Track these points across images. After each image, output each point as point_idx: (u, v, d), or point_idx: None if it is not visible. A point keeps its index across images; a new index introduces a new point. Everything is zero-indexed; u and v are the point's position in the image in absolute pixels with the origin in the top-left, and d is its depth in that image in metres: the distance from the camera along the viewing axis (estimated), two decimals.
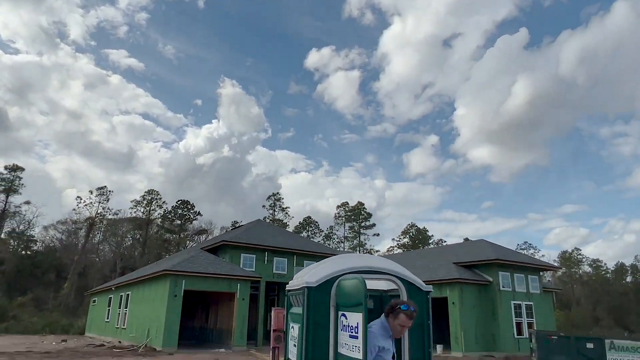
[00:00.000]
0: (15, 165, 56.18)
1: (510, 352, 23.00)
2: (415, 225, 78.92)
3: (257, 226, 31.93)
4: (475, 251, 27.66)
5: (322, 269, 4.25)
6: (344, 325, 3.69)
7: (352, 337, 3.47)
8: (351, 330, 3.49)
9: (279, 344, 8.43)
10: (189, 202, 70.52)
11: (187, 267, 22.27)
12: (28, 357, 16.98)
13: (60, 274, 55.07)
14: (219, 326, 26.00)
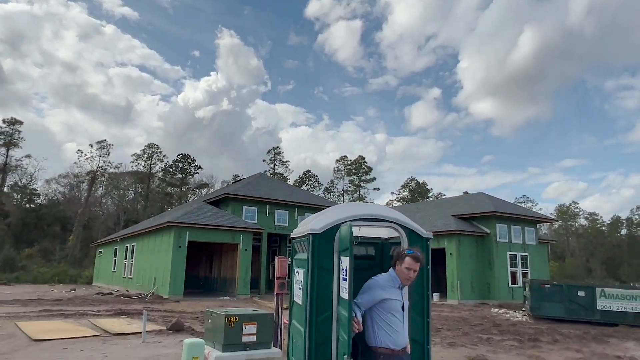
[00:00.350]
0: (13, 119, 55.93)
1: (504, 300, 23.86)
2: (415, 179, 79.47)
3: (259, 179, 32.22)
4: (474, 204, 28.06)
5: (326, 217, 4.41)
6: (341, 269, 3.91)
7: (344, 280, 3.69)
8: (344, 273, 3.70)
9: (283, 290, 8.74)
10: (189, 155, 70.69)
11: (191, 219, 22.70)
12: (40, 304, 17.65)
13: (65, 227, 56.08)
14: (223, 276, 26.82)
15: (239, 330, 8.18)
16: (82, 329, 10.86)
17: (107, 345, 9.21)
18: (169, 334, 10.74)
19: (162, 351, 8.73)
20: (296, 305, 4.76)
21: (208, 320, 8.80)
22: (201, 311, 16.08)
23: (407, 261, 3.65)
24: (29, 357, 7.93)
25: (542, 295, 16.14)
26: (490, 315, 17.62)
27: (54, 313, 14.29)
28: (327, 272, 4.14)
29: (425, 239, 4.43)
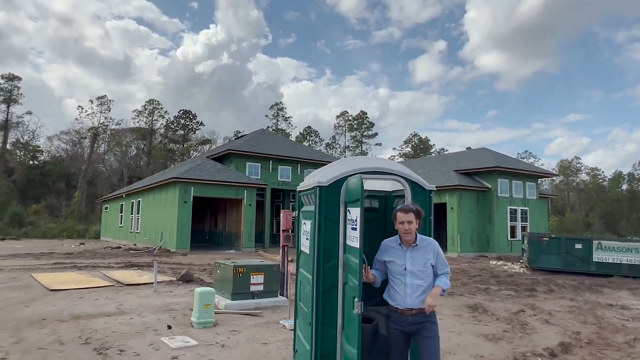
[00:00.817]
0: (11, 75, 55.21)
1: (503, 252, 24.43)
2: (417, 135, 79.18)
3: (262, 135, 32.21)
4: (476, 159, 28.15)
5: (332, 170, 4.54)
6: (349, 219, 4.07)
7: (353, 229, 3.87)
8: (353, 223, 3.85)
9: (288, 242, 9.04)
10: (190, 112, 70.26)
11: (195, 175, 22.94)
12: (52, 257, 18.20)
13: (69, 183, 56.66)
14: (228, 230, 27.39)
15: (247, 280, 8.57)
16: (95, 280, 11.30)
17: (120, 294, 9.63)
18: (179, 284, 11.18)
19: (174, 300, 9.13)
20: (303, 255, 4.98)
21: (217, 271, 9.18)
22: (208, 264, 16.59)
23: (398, 216, 3.62)
24: (47, 305, 8.33)
25: (540, 248, 16.53)
26: (488, 267, 18.13)
27: (66, 265, 14.78)
28: (334, 223, 4.31)
29: (428, 190, 4.57)
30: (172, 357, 5.47)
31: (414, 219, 3.57)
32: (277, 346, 6.08)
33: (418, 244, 3.62)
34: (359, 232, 3.74)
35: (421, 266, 3.55)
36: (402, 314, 3.55)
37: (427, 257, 3.58)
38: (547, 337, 7.09)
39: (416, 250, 3.60)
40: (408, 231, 3.56)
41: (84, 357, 5.38)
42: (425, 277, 3.56)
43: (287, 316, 7.65)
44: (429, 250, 3.61)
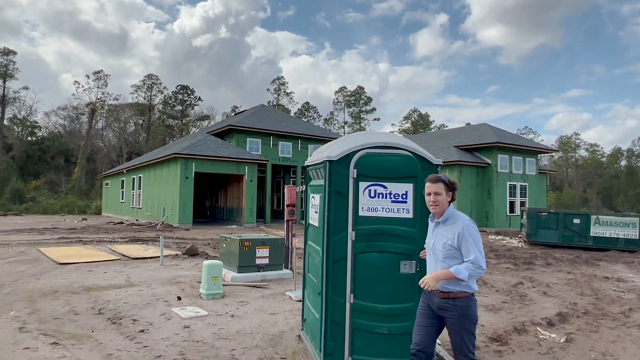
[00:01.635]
0: (7, 49, 54.44)
1: (501, 227, 24.74)
2: (417, 110, 78.82)
3: (262, 111, 32.09)
4: (476, 135, 28.19)
5: (341, 145, 4.63)
6: (379, 193, 4.37)
7: (397, 202, 4.37)
8: (396, 197, 4.37)
9: (292, 217, 9.19)
10: (188, 87, 69.64)
11: (197, 151, 22.98)
12: (56, 232, 18.40)
13: (68, 159, 56.60)
14: (229, 205, 27.60)
15: (252, 253, 8.75)
16: (102, 254, 11.50)
17: (128, 268, 9.83)
18: (184, 258, 11.39)
19: (180, 273, 9.33)
20: (312, 228, 5.11)
21: (223, 245, 9.36)
22: (212, 238, 16.82)
23: (426, 187, 3.43)
24: (58, 278, 8.52)
25: (539, 223, 16.76)
26: (487, 242, 18.40)
27: (72, 240, 14.98)
28: (343, 196, 4.42)
29: (435, 165, 4.68)
30: (184, 326, 5.66)
31: (443, 190, 3.32)
32: (284, 316, 6.27)
33: (442, 221, 3.35)
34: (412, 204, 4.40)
35: (440, 245, 3.29)
36: (431, 293, 3.36)
37: (448, 236, 3.26)
38: (545, 307, 7.32)
39: (441, 227, 3.36)
40: (434, 203, 3.31)
41: (99, 327, 5.56)
42: (447, 259, 3.24)
43: (293, 288, 7.86)
44: (453, 228, 3.27)
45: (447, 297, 3.24)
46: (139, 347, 4.91)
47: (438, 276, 3.20)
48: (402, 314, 4.41)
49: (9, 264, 9.86)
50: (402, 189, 4.44)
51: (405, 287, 4.41)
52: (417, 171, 4.55)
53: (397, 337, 4.41)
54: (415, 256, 4.27)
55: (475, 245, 3.17)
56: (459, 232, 3.21)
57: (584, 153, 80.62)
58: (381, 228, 4.45)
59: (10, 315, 5.94)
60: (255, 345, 5.08)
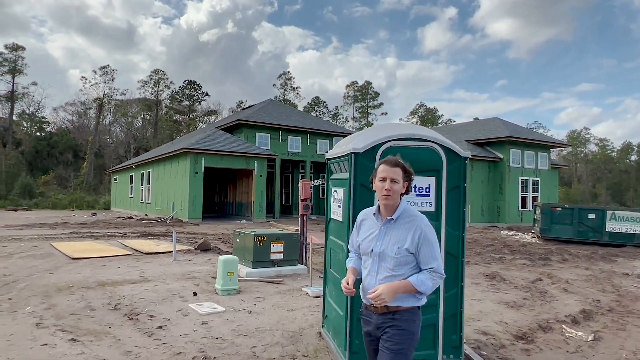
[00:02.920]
0: (15, 45, 54.64)
1: (513, 223, 24.49)
2: (424, 105, 78.38)
3: (271, 106, 31.97)
4: (488, 129, 27.90)
5: (366, 137, 4.48)
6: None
7: (421, 196, 4.26)
8: (420, 190, 4.24)
9: (307, 211, 9.07)
10: (195, 82, 69.65)
11: (206, 146, 22.91)
12: (67, 227, 18.42)
13: (77, 155, 56.85)
14: (238, 200, 27.56)
15: (267, 248, 8.64)
16: (114, 249, 11.45)
17: (141, 263, 9.76)
18: (197, 253, 11.31)
19: (194, 268, 9.25)
20: (334, 222, 4.98)
21: (237, 240, 9.26)
22: (222, 233, 16.76)
23: (380, 170, 2.62)
24: (71, 272, 8.47)
25: (553, 218, 16.53)
26: (500, 237, 18.20)
27: (83, 235, 14.97)
28: (368, 190, 4.28)
29: (464, 157, 4.53)
30: (202, 322, 5.56)
31: (400, 177, 2.59)
32: (302, 312, 6.16)
33: (396, 219, 2.60)
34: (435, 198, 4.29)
35: (393, 250, 2.55)
36: (368, 310, 2.66)
37: (404, 238, 2.55)
38: (567, 304, 7.16)
39: (392, 226, 2.61)
40: (389, 193, 2.55)
41: (116, 323, 5.48)
42: (399, 266, 2.55)
43: (309, 284, 7.75)
44: (410, 229, 2.56)
45: (389, 311, 2.56)
46: (158, 343, 4.82)
47: (395, 288, 2.48)
48: (425, 307, 4.28)
49: (22, 259, 9.83)
50: (426, 182, 4.37)
51: None
52: (443, 164, 4.42)
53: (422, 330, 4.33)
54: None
55: (437, 251, 2.59)
56: (419, 234, 2.54)
57: (594, 148, 79.87)
58: None
59: (27, 310, 5.87)
60: (276, 342, 4.97)
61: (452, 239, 4.47)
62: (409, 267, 2.57)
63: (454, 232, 4.48)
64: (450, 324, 4.46)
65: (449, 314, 4.46)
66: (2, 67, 53.40)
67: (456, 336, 4.49)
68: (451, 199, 4.49)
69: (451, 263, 4.43)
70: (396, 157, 2.68)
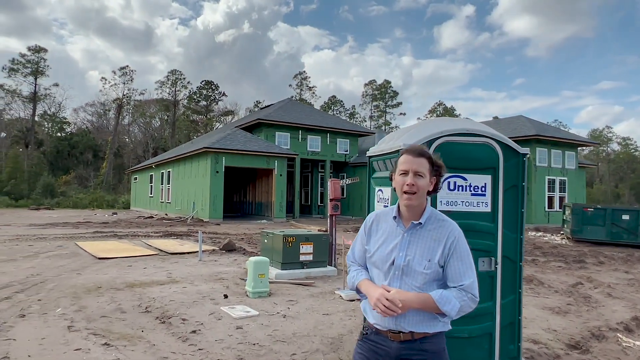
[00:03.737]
0: (38, 47, 55.49)
1: (540, 224, 23.87)
2: (442, 104, 77.40)
3: (290, 105, 31.80)
4: (512, 127, 27.27)
5: (417, 132, 4.20)
6: (459, 186, 3.97)
7: (477, 195, 3.96)
8: (475, 189, 3.94)
9: (336, 212, 8.81)
10: (212, 82, 69.93)
11: (226, 145, 22.82)
12: (89, 226, 18.48)
13: (96, 154, 57.53)
14: (258, 200, 27.44)
15: (296, 249, 8.40)
16: (139, 249, 11.34)
17: (167, 263, 9.62)
18: (222, 253, 11.14)
19: (221, 269, 9.07)
20: None
21: (264, 241, 9.04)
22: (244, 233, 16.60)
23: (401, 161, 2.06)
24: (99, 273, 8.35)
25: (584, 219, 15.99)
26: (528, 238, 17.69)
27: (107, 234, 14.95)
28: None
29: (522, 154, 4.22)
30: (237, 327, 5.34)
31: (426, 170, 2.02)
32: (339, 317, 5.91)
33: (425, 223, 2.05)
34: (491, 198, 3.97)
35: (422, 263, 2.00)
36: (385, 337, 2.05)
37: (433, 247, 2.01)
38: (615, 310, 6.77)
39: (419, 233, 2.05)
40: (412, 189, 1.99)
41: (148, 326, 5.29)
42: (428, 282, 2.01)
43: (341, 286, 7.50)
44: (440, 237, 2.03)
45: (414, 338, 2.01)
46: (194, 349, 4.61)
47: (410, 300, 1.93)
48: (481, 315, 4.04)
49: (49, 259, 9.77)
50: (482, 181, 4.07)
51: (484, 285, 4.05)
52: (499, 161, 4.12)
53: (476, 340, 4.09)
54: (493, 252, 3.99)
55: (472, 266, 2.04)
56: (450, 242, 2.01)
57: (616, 147, 78.06)
58: (461, 224, 4.03)
59: (57, 312, 5.73)
60: (316, 350, 4.72)
61: (510, 242, 4.16)
62: (438, 286, 2.04)
63: (512, 234, 4.17)
64: (508, 333, 4.16)
65: (506, 322, 4.15)
66: (25, 69, 54.29)
67: (514, 346, 4.18)
68: (508, 198, 4.18)
69: (509, 268, 4.13)
70: (421, 146, 2.12)
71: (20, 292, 6.67)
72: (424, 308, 1.97)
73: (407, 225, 2.07)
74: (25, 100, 56.04)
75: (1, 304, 6.01)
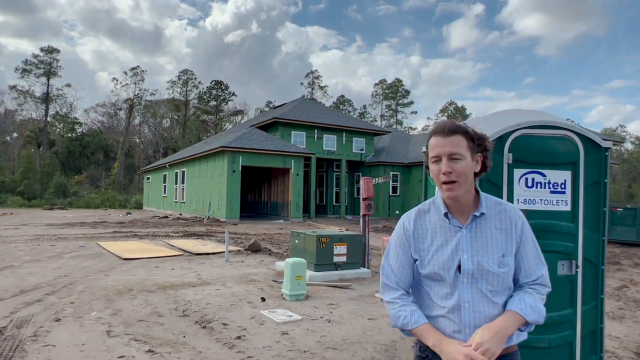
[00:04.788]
0: (51, 47, 55.73)
1: None
2: (453, 103, 76.79)
3: (304, 104, 31.53)
4: None
5: (488, 125, 3.89)
6: (537, 182, 3.49)
7: (556, 193, 3.31)
8: (555, 186, 3.54)
9: (369, 211, 8.50)
10: (222, 82, 69.85)
11: (243, 144, 22.59)
12: (106, 226, 18.33)
13: (108, 155, 57.66)
14: (274, 200, 27.19)
15: (330, 250, 8.11)
16: (162, 249, 11.12)
17: (193, 264, 9.37)
18: (247, 254, 10.89)
19: (249, 270, 8.80)
20: None
21: (295, 241, 8.76)
22: (264, 233, 16.35)
23: (431, 144, 1.66)
24: (127, 274, 8.12)
25: (613, 219, 15.55)
26: None
27: (126, 234, 14.76)
28: (495, 186, 3.70)
29: (604, 148, 3.89)
30: (282, 332, 5.07)
31: (465, 148, 1.62)
32: (386, 322, 5.61)
33: (486, 213, 1.66)
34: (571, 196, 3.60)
35: (494, 260, 1.62)
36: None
37: (502, 240, 1.65)
38: None
39: (481, 226, 1.66)
40: (450, 178, 1.59)
41: (189, 331, 5.03)
42: (503, 284, 1.64)
43: (378, 289, 7.19)
44: (507, 225, 1.66)
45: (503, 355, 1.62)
46: (242, 357, 4.34)
47: (504, 331, 1.57)
48: (561, 323, 3.72)
49: (73, 259, 9.57)
50: (561, 177, 3.74)
51: (563, 291, 3.74)
52: (580, 156, 3.80)
53: (556, 350, 3.76)
54: (574, 255, 3.67)
55: (541, 253, 1.73)
56: (519, 229, 1.67)
57: (630, 146, 77.02)
58: (539, 223, 3.72)
59: (93, 316, 5.48)
60: (371, 358, 4.44)
61: (591, 244, 3.83)
62: (510, 288, 1.68)
63: (593, 235, 3.84)
64: (589, 342, 3.83)
65: (587, 331, 3.82)
66: (38, 70, 54.53)
67: (596, 357, 3.86)
68: (589, 196, 3.86)
69: (590, 272, 3.80)
70: (452, 121, 1.67)
71: (51, 295, 6.44)
72: (511, 333, 1.60)
73: (462, 219, 1.67)
74: (37, 101, 56.33)
75: (34, 307, 5.78)
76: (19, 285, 6.97)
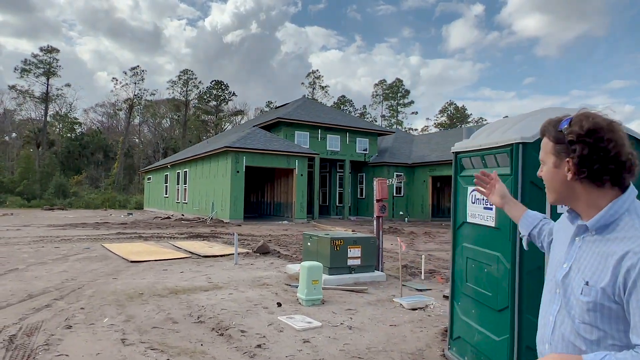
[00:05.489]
0: (50, 47, 55.38)
1: None
2: (453, 103, 76.63)
3: (307, 103, 31.31)
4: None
5: (530, 123, 3.69)
6: None
7: None
8: None
9: (383, 213, 8.30)
10: (222, 82, 69.55)
11: (247, 144, 22.37)
12: (109, 227, 18.10)
13: (107, 155, 57.36)
14: (277, 200, 26.95)
15: (344, 253, 7.91)
16: (168, 251, 10.91)
17: (202, 267, 9.16)
18: (256, 256, 10.68)
19: (260, 273, 8.59)
20: (473, 227, 4.20)
21: (307, 244, 8.55)
22: (269, 234, 16.13)
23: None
24: (135, 278, 7.90)
25: None
26: None
27: (130, 235, 14.53)
28: (539, 189, 3.49)
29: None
30: (303, 340, 4.86)
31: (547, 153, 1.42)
32: (408, 328, 5.41)
33: (596, 228, 1.31)
34: None
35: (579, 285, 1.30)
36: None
37: (596, 266, 1.27)
38: None
39: (589, 241, 1.34)
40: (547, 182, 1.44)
41: (206, 339, 4.82)
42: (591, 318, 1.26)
43: (398, 294, 6.99)
44: (613, 252, 1.24)
45: None
46: None
47: None
48: None
49: (79, 262, 9.34)
50: None
51: None
52: None
53: None
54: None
55: None
56: (629, 266, 1.19)
57: None
58: None
59: (105, 322, 5.27)
60: None
61: None
62: (611, 327, 1.24)
63: None
64: None
65: None
66: (37, 69, 54.21)
67: None
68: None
69: None
70: (548, 119, 1.43)
71: (60, 299, 6.22)
72: None
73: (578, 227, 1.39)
74: (37, 101, 56.01)
75: (43, 313, 5.56)
76: (26, 290, 6.75)
